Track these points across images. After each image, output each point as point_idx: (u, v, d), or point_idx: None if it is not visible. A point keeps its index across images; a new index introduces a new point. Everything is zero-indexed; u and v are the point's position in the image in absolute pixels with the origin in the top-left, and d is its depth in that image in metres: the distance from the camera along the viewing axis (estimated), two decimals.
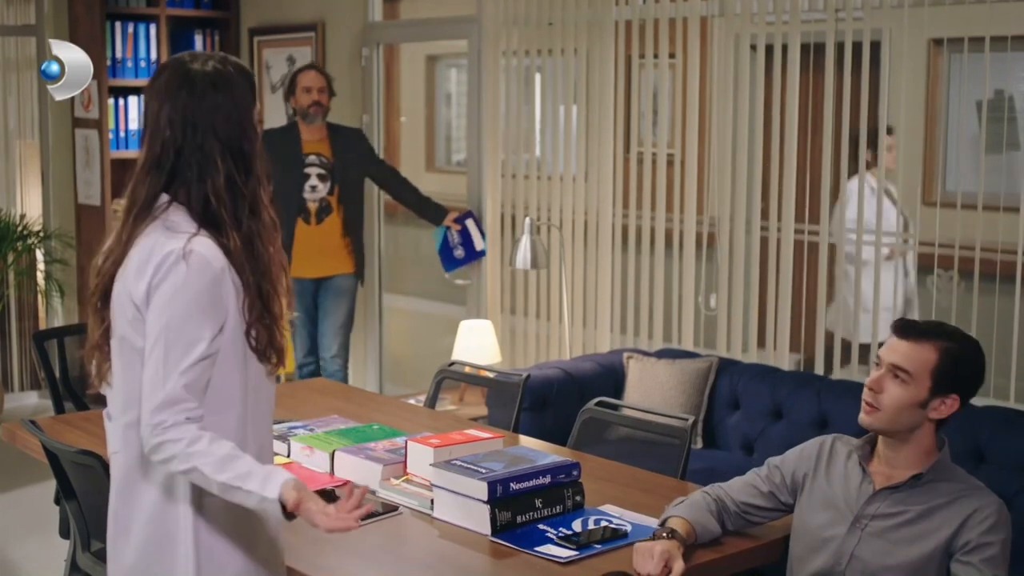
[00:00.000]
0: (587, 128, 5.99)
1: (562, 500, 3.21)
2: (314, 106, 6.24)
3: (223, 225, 2.47)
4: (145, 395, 2.41)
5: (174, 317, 2.40)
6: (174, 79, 2.52)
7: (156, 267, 2.42)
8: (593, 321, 6.04)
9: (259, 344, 2.51)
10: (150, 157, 2.51)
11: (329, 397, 4.53)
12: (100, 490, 3.40)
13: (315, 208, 6.27)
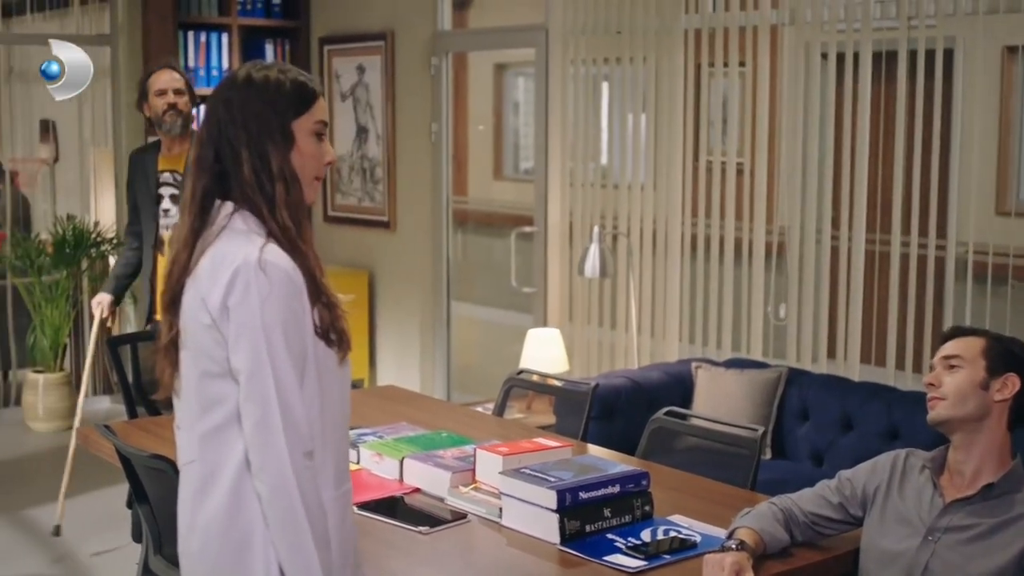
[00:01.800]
0: (655, 137, 5.98)
1: (631, 510, 3.20)
2: (170, 112, 5.32)
3: (269, 212, 2.46)
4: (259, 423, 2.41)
5: (271, 333, 2.40)
6: (226, 80, 2.56)
7: (232, 277, 2.41)
8: (661, 330, 6.02)
9: (322, 325, 2.49)
10: (195, 154, 2.54)
11: (398, 404, 4.55)
12: (172, 495, 3.42)
13: (169, 237, 5.16)
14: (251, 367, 2.38)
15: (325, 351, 2.48)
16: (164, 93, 5.32)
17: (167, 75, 5.41)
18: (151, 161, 5.43)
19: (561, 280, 6.45)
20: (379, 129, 7.29)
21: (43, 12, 8.76)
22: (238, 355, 2.39)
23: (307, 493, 2.39)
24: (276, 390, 2.37)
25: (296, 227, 2.47)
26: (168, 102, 5.32)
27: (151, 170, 5.41)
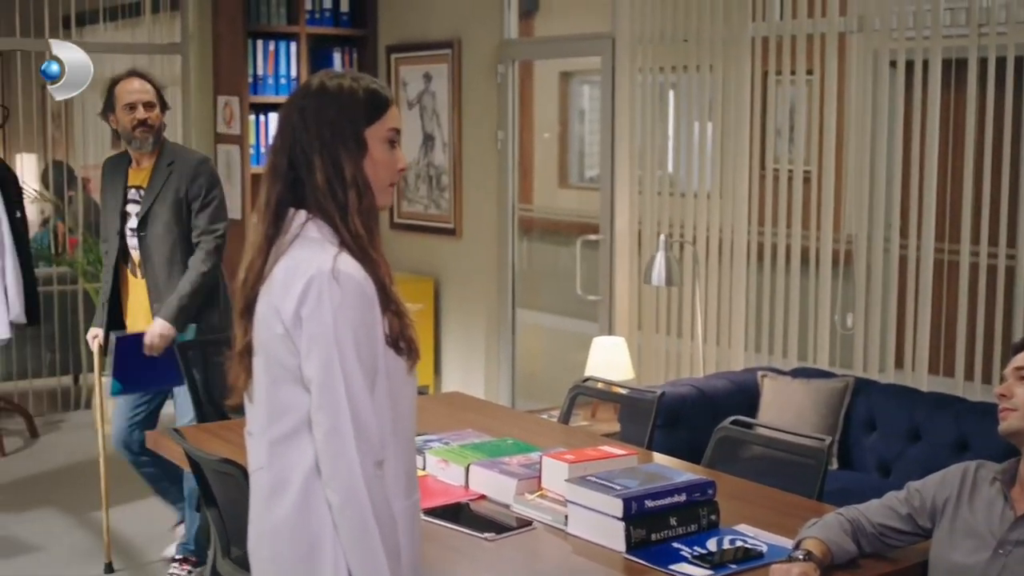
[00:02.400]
0: (722, 145, 5.96)
1: (697, 519, 3.19)
2: (140, 128, 4.97)
3: (341, 219, 2.47)
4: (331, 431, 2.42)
5: (343, 343, 2.41)
6: (300, 89, 2.58)
7: (305, 287, 2.42)
8: (727, 339, 5.99)
9: (392, 333, 2.50)
10: (269, 161, 2.56)
11: (464, 411, 4.57)
12: (241, 498, 3.46)
13: (139, 256, 5.09)
14: (323, 376, 2.40)
15: (394, 360, 2.49)
16: (133, 107, 4.96)
17: (135, 85, 5.02)
18: (121, 175, 5.09)
19: (627, 288, 6.44)
20: (445, 137, 7.33)
21: (115, 21, 8.90)
22: (310, 364, 2.41)
23: (377, 503, 2.41)
24: (347, 400, 2.39)
25: (368, 234, 2.49)
26: (138, 118, 4.95)
27: (120, 184, 5.08)
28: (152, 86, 5.04)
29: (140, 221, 4.97)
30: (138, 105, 4.96)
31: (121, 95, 4.97)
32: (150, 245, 4.99)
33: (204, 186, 5.03)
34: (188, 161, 5.07)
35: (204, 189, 5.02)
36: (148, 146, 4.99)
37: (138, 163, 5.06)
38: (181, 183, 4.99)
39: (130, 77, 5.05)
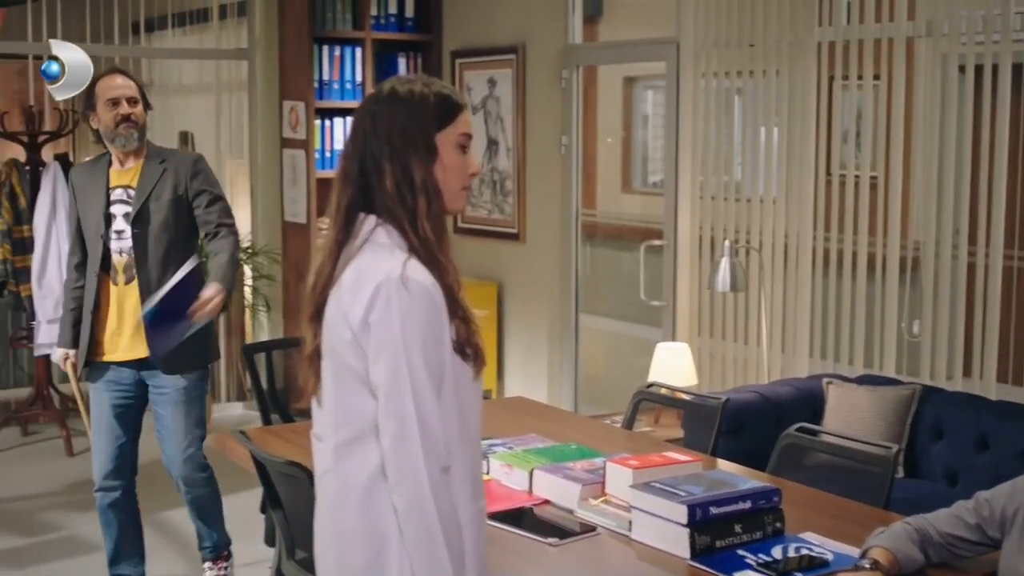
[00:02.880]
0: (787, 150, 5.93)
1: (762, 526, 3.18)
2: (124, 123, 4.71)
3: (410, 224, 2.47)
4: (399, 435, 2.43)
5: (411, 349, 2.42)
6: (372, 94, 2.58)
7: (374, 293, 2.43)
8: (792, 345, 5.96)
9: (458, 339, 2.51)
10: (340, 166, 2.57)
11: (527, 415, 4.57)
12: (306, 501, 3.48)
13: (122, 262, 4.72)
14: (390, 382, 2.41)
15: (461, 366, 2.49)
16: (116, 103, 4.70)
17: (118, 81, 4.78)
18: (100, 178, 4.77)
19: (690, 293, 6.42)
20: (509, 142, 7.34)
21: (183, 27, 9.00)
22: (378, 370, 2.42)
23: (443, 508, 2.41)
24: (415, 406, 2.40)
25: (437, 240, 2.49)
26: (121, 113, 4.69)
27: (100, 188, 4.74)
28: (134, 82, 4.81)
29: (134, 219, 4.68)
30: (121, 100, 4.71)
31: (102, 91, 4.73)
32: (145, 244, 4.69)
33: (208, 183, 4.83)
34: (184, 159, 4.86)
35: (208, 185, 4.82)
36: (133, 143, 4.71)
37: (121, 163, 4.77)
38: (179, 181, 4.75)
39: (111, 74, 4.83)
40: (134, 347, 4.68)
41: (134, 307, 4.65)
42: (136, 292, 4.66)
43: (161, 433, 4.83)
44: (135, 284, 4.68)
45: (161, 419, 4.80)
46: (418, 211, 2.48)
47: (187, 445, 4.82)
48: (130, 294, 4.68)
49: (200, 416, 4.85)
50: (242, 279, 8.20)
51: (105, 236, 4.68)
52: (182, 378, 4.74)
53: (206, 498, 4.98)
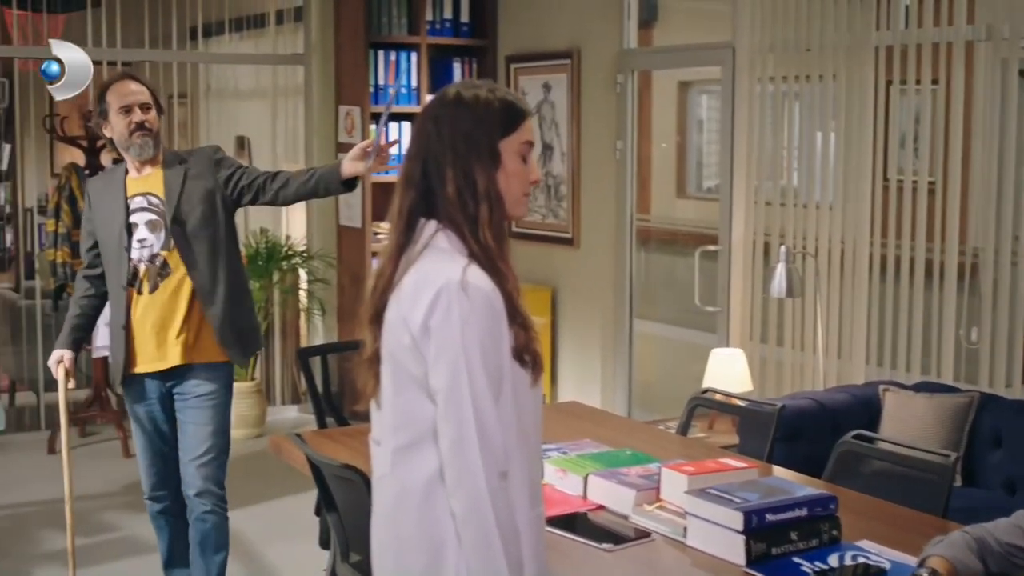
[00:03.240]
0: (844, 155, 5.89)
1: (818, 534, 3.16)
2: (138, 131, 4.53)
3: (471, 230, 2.48)
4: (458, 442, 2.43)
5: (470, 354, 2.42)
6: (436, 98, 2.58)
7: (434, 298, 2.43)
8: (848, 352, 5.91)
9: (517, 346, 2.51)
10: (408, 165, 2.57)
11: (582, 421, 4.57)
12: (361, 504, 3.50)
13: (147, 270, 4.55)
14: (449, 387, 2.41)
15: (519, 372, 2.49)
16: (129, 110, 4.52)
17: (129, 87, 4.58)
18: (117, 188, 4.59)
19: (745, 299, 6.39)
20: (564, 146, 7.34)
21: (240, 32, 9.06)
22: (437, 375, 2.43)
23: (501, 513, 2.41)
24: (473, 411, 2.40)
25: (497, 247, 2.50)
26: (135, 121, 4.52)
27: (118, 198, 4.57)
28: (147, 87, 4.62)
29: (172, 224, 4.50)
30: (134, 107, 4.52)
31: (114, 99, 4.54)
32: (190, 247, 4.53)
33: (231, 163, 4.67)
34: (202, 154, 4.69)
35: (233, 164, 4.66)
36: (149, 151, 4.54)
37: (138, 171, 4.60)
38: (206, 175, 4.59)
39: (123, 80, 4.62)
40: (160, 357, 4.56)
41: (160, 316, 4.53)
42: (161, 300, 4.53)
43: (181, 441, 4.64)
44: (162, 291, 4.53)
45: (182, 426, 4.64)
46: (479, 217, 2.48)
47: (204, 451, 4.59)
48: (155, 303, 4.54)
49: (222, 425, 4.64)
50: (297, 283, 8.25)
51: (127, 246, 4.52)
52: (204, 384, 4.59)
53: (216, 530, 4.66)
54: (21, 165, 10.29)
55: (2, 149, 10.50)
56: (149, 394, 4.64)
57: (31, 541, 5.91)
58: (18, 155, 10.35)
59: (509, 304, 2.47)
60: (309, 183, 4.56)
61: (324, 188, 4.58)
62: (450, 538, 2.46)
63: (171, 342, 4.54)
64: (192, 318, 4.55)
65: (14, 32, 8.19)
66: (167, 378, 4.60)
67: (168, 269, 4.53)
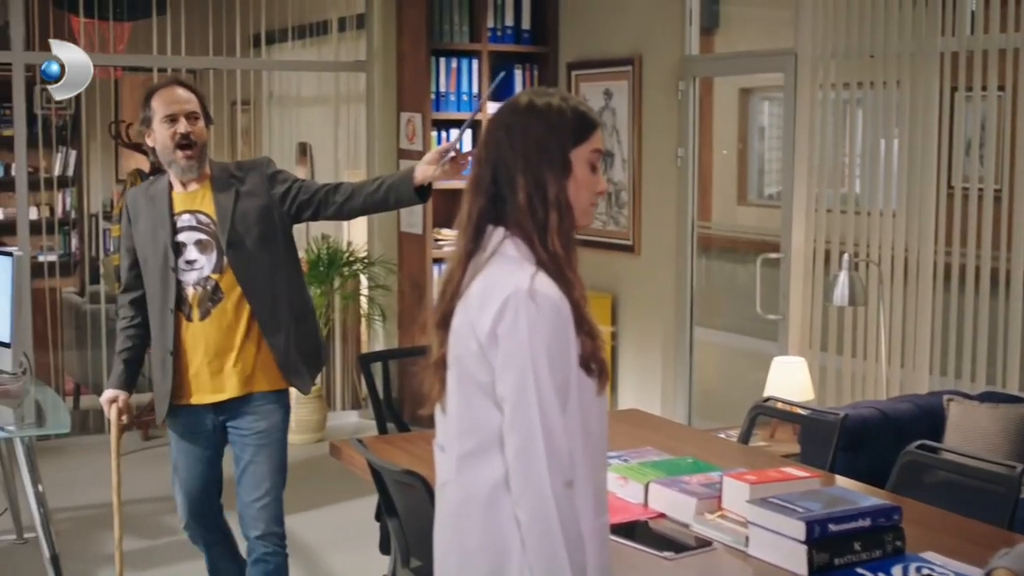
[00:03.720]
0: (908, 162, 5.84)
1: (882, 544, 3.13)
2: (183, 146, 4.17)
3: (540, 238, 2.48)
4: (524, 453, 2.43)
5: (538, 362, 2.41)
6: (508, 105, 2.58)
7: (502, 305, 2.43)
8: (911, 361, 5.86)
9: (584, 354, 2.51)
10: (476, 173, 2.57)
11: (642, 428, 4.56)
12: (422, 509, 3.51)
13: (197, 295, 4.19)
14: (516, 395, 2.42)
15: (585, 380, 2.49)
16: (174, 119, 4.15)
17: (177, 93, 4.20)
18: (162, 203, 4.22)
19: (807, 307, 6.35)
20: (625, 153, 7.33)
21: (303, 39, 9.13)
22: (504, 383, 2.43)
23: (566, 522, 2.41)
24: (540, 419, 2.40)
25: (566, 255, 2.50)
26: (180, 132, 4.15)
27: (163, 214, 4.21)
28: (195, 94, 4.25)
29: (228, 247, 4.16)
30: (180, 117, 4.16)
31: (159, 106, 4.17)
32: (247, 269, 4.19)
33: (287, 177, 4.32)
34: (254, 167, 4.33)
35: (289, 178, 4.31)
36: (193, 172, 4.19)
37: (184, 185, 4.23)
38: (260, 192, 4.25)
39: (170, 86, 4.24)
40: (215, 388, 4.23)
41: (214, 344, 4.20)
42: (215, 328, 4.19)
43: (238, 479, 4.32)
44: (216, 318, 4.20)
45: (239, 462, 4.32)
46: (549, 225, 2.48)
47: (265, 493, 4.29)
48: (207, 330, 4.20)
49: (281, 461, 4.34)
50: (358, 289, 8.29)
51: (173, 267, 4.17)
52: (263, 419, 4.27)
53: (278, 571, 4.37)
54: (87, 171, 10.42)
55: (68, 155, 10.63)
56: (199, 427, 4.32)
57: (94, 543, 5.96)
58: (84, 161, 10.48)
59: (576, 312, 2.47)
60: (377, 193, 4.23)
61: (395, 199, 4.24)
62: (514, 545, 2.46)
63: (227, 372, 4.22)
64: (249, 345, 4.23)
65: (81, 40, 8.28)
66: (221, 411, 4.28)
67: (220, 294, 4.19)
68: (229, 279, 4.19)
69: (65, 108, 9.74)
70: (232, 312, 4.20)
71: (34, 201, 8.65)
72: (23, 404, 5.04)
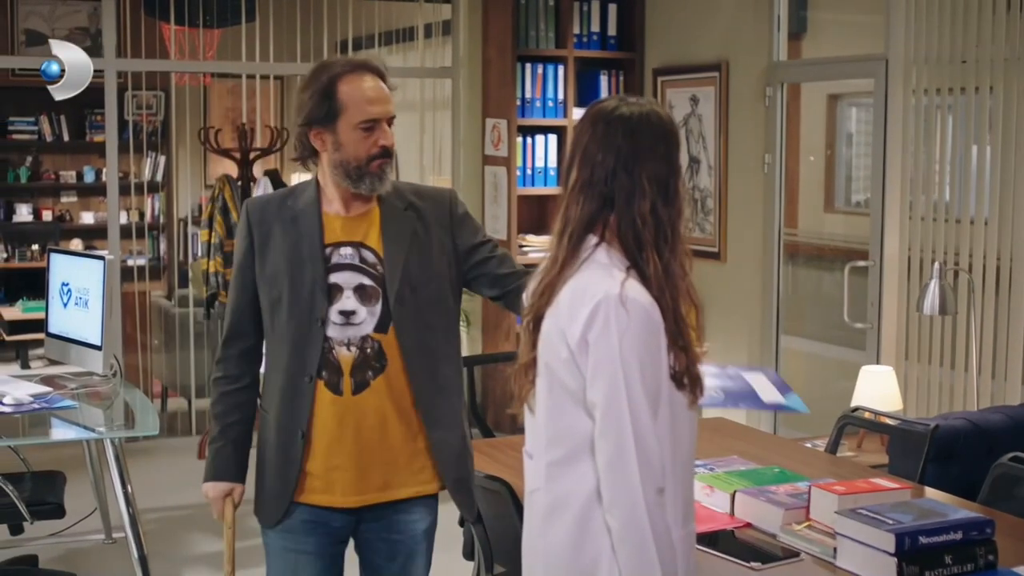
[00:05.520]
0: (1001, 169, 5.74)
1: (974, 558, 3.07)
2: (380, 158, 3.14)
3: (646, 247, 2.49)
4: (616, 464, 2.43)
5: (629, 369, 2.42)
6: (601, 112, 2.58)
7: (592, 311, 2.44)
8: (1003, 371, 5.75)
9: (677, 368, 2.50)
10: (581, 179, 2.55)
11: (728, 438, 4.52)
12: (506, 515, 3.51)
13: (351, 359, 3.14)
14: (607, 402, 2.42)
15: (676, 392, 2.49)
16: (372, 127, 3.13)
17: (379, 88, 3.16)
18: (310, 226, 3.17)
19: (896, 316, 6.26)
20: (711, 160, 7.28)
21: (389, 46, 9.18)
22: (595, 389, 2.43)
23: (658, 529, 2.40)
24: (632, 426, 2.40)
25: (665, 266, 2.50)
26: (382, 144, 3.14)
27: (311, 241, 3.16)
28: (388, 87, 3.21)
29: (397, 297, 3.14)
30: (382, 122, 3.15)
31: (354, 104, 3.11)
32: (417, 334, 3.19)
33: (477, 226, 3.36)
34: (438, 198, 3.32)
35: (479, 230, 3.36)
36: (387, 184, 3.18)
37: (345, 206, 3.19)
38: (441, 231, 3.26)
39: (364, 72, 3.16)
40: (359, 489, 3.19)
41: (367, 428, 3.16)
42: (371, 406, 3.15)
43: None
44: (374, 393, 3.15)
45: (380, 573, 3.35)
46: (678, 239, 2.52)
47: None
48: (361, 408, 3.15)
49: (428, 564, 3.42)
50: None
51: (322, 318, 3.12)
52: (413, 528, 3.31)
53: None
54: (176, 176, 10.56)
55: (157, 161, 10.79)
56: (331, 527, 3.25)
57: (181, 544, 6.04)
58: (173, 166, 10.63)
59: (672, 324, 2.47)
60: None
61: None
62: (604, 553, 2.46)
63: (377, 466, 3.19)
64: (409, 435, 3.21)
65: (172, 47, 8.40)
66: (360, 517, 3.27)
67: (384, 361, 3.15)
68: (394, 342, 3.16)
69: (155, 114, 9.89)
70: (394, 387, 3.17)
71: (124, 206, 8.77)
72: (113, 406, 5.11)
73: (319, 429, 3.16)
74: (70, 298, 5.36)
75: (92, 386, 5.18)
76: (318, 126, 3.13)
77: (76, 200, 11.39)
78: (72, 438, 5.40)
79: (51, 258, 5.58)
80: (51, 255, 5.60)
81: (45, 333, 5.55)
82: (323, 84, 3.12)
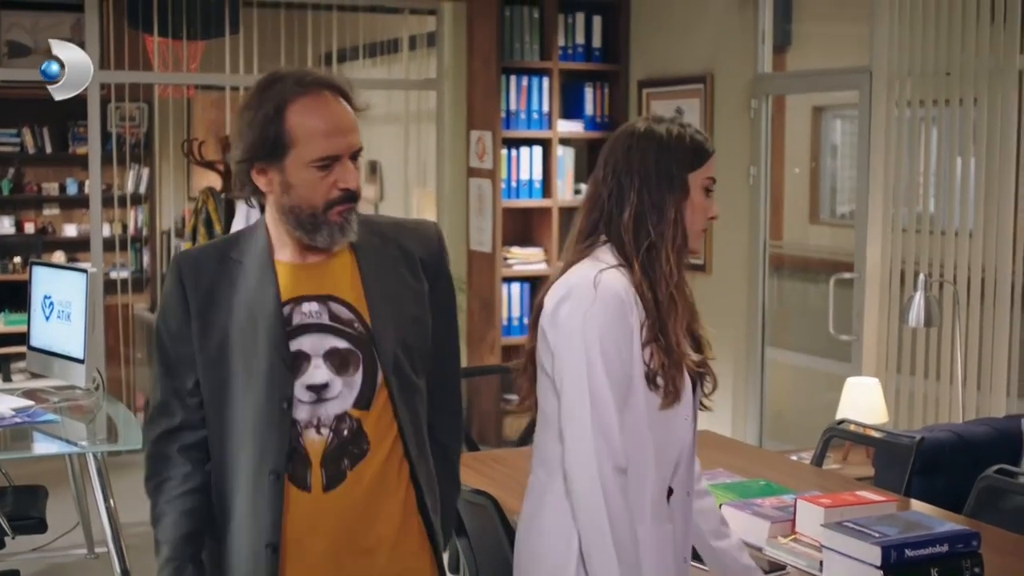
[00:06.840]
0: (985, 180, 5.75)
1: (960, 571, 3.06)
2: (341, 203, 2.47)
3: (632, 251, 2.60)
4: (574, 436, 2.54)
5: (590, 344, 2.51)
6: (626, 129, 2.70)
7: (566, 293, 2.56)
8: (988, 383, 5.76)
9: (651, 367, 2.57)
10: (589, 190, 2.72)
11: (714, 451, 4.50)
12: (491, 529, 3.50)
13: (322, 445, 2.49)
14: (567, 376, 2.54)
15: (649, 393, 2.57)
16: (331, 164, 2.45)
17: (340, 116, 2.48)
18: (261, 279, 2.51)
19: (881, 328, 6.26)
20: None
21: (373, 58, 9.16)
22: (559, 366, 2.56)
23: (614, 506, 2.49)
24: (591, 400, 2.50)
25: (678, 274, 2.64)
26: (340, 186, 2.46)
27: (264, 299, 2.49)
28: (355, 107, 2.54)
29: (393, 364, 2.52)
30: (343, 158, 2.47)
31: (306, 137, 2.45)
32: (412, 404, 2.58)
33: (450, 276, 2.77)
34: (422, 231, 2.75)
35: (451, 284, 2.77)
36: (351, 235, 2.51)
37: (301, 255, 2.54)
38: (411, 263, 2.63)
39: (316, 94, 2.48)
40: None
41: (346, 531, 2.51)
42: (350, 503, 2.50)
43: None
44: (353, 485, 2.50)
45: None
46: (662, 246, 2.60)
47: None
48: (339, 508, 2.50)
49: None
50: None
51: (290, 401, 2.46)
52: None
53: None
54: (159, 188, 10.52)
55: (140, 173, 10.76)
56: None
57: None
58: (156, 179, 10.59)
59: (661, 326, 2.57)
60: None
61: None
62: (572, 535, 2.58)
63: (361, 570, 2.55)
64: (403, 528, 2.58)
65: (155, 59, 8.37)
66: None
67: (365, 444, 2.51)
68: (380, 419, 2.53)
69: (138, 126, 9.85)
70: (382, 476, 2.53)
71: (107, 218, 8.74)
72: (96, 420, 5.08)
73: (289, 538, 2.48)
74: (52, 311, 5.33)
75: (75, 400, 5.15)
76: (261, 162, 2.47)
77: (59, 212, 11.34)
78: (54, 452, 5.36)
79: (33, 271, 5.55)
80: (33, 268, 5.57)
81: (27, 346, 5.51)
82: (268, 111, 2.46)
